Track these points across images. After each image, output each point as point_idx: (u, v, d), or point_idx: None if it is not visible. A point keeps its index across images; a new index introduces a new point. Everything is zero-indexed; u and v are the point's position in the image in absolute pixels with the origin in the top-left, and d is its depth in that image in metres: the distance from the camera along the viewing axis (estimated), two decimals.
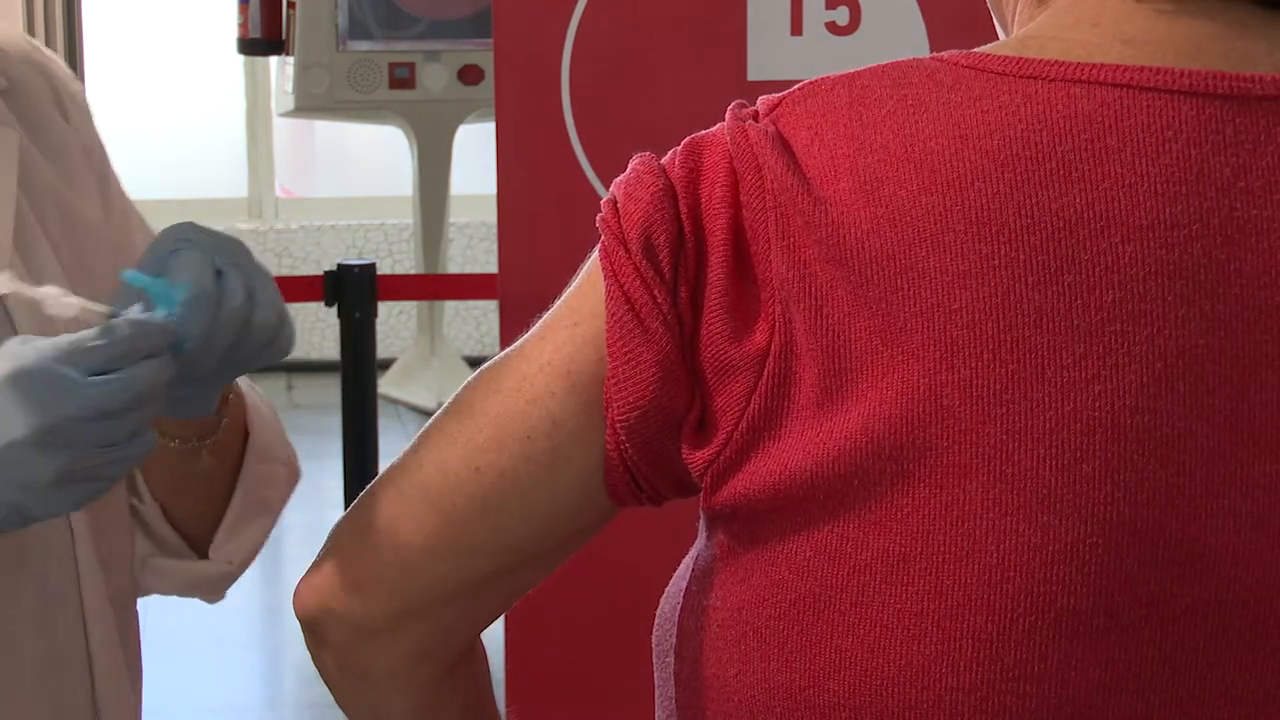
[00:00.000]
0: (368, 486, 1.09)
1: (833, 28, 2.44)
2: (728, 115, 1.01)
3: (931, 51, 2.44)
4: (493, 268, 2.66)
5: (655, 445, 1.01)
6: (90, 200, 1.37)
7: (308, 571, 1.09)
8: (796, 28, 2.44)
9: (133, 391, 1.06)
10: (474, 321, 7.06)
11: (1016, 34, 1.01)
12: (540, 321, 1.06)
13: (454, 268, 6.78)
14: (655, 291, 0.98)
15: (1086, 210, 0.92)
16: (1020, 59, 0.96)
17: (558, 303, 1.06)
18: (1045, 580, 0.92)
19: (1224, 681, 0.94)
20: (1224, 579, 0.92)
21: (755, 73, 2.44)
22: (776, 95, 1.01)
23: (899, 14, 2.43)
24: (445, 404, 1.08)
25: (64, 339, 1.07)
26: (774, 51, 2.43)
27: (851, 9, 2.44)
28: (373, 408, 3.47)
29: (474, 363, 6.79)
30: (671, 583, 1.09)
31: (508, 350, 1.07)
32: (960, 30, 2.39)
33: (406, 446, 1.08)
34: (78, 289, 1.20)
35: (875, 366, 0.93)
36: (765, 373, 0.96)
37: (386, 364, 6.51)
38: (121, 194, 1.41)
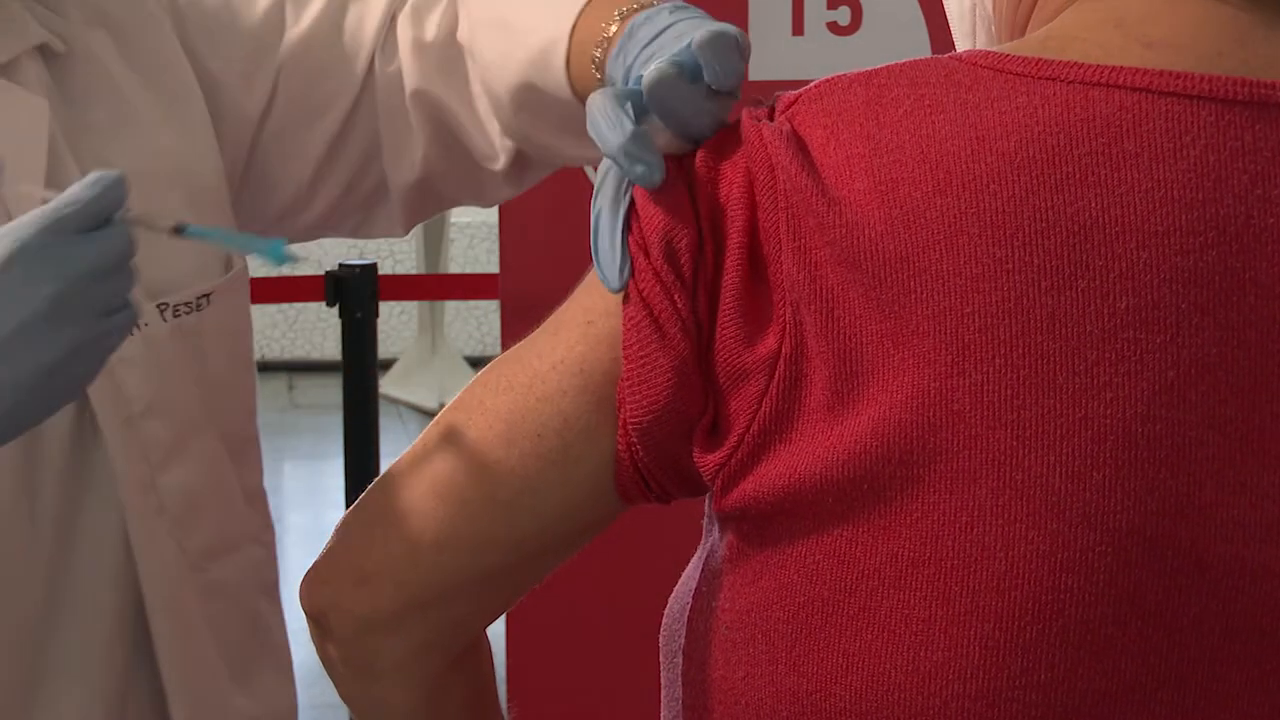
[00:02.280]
0: (375, 480, 1.08)
1: (834, 28, 2.44)
2: (743, 114, 1.00)
3: (933, 51, 2.43)
4: (494, 267, 2.67)
5: (666, 448, 1.00)
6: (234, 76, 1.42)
7: (314, 564, 1.09)
8: (798, 28, 2.44)
9: (125, 241, 1.06)
10: (475, 321, 7.06)
11: (1038, 32, 1.00)
12: (552, 318, 1.06)
13: (455, 267, 6.78)
14: (675, 296, 0.98)
15: (1102, 215, 0.91)
16: (1039, 60, 0.95)
17: (570, 299, 1.06)
18: (1053, 588, 0.91)
19: (1228, 694, 0.93)
20: (1231, 590, 0.92)
21: (756, 73, 2.44)
22: (793, 93, 1.00)
23: (900, 14, 2.43)
24: (455, 399, 1.08)
25: (43, 208, 1.06)
26: (775, 51, 2.43)
27: (853, 9, 2.44)
28: (374, 408, 3.47)
29: (475, 362, 6.79)
30: (680, 582, 1.09)
31: (518, 346, 1.07)
32: None
33: (409, 444, 1.08)
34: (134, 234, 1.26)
35: (886, 370, 0.93)
36: (776, 376, 0.96)
37: (388, 364, 6.51)
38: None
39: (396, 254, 7.05)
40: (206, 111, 1.42)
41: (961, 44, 1.11)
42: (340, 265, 3.38)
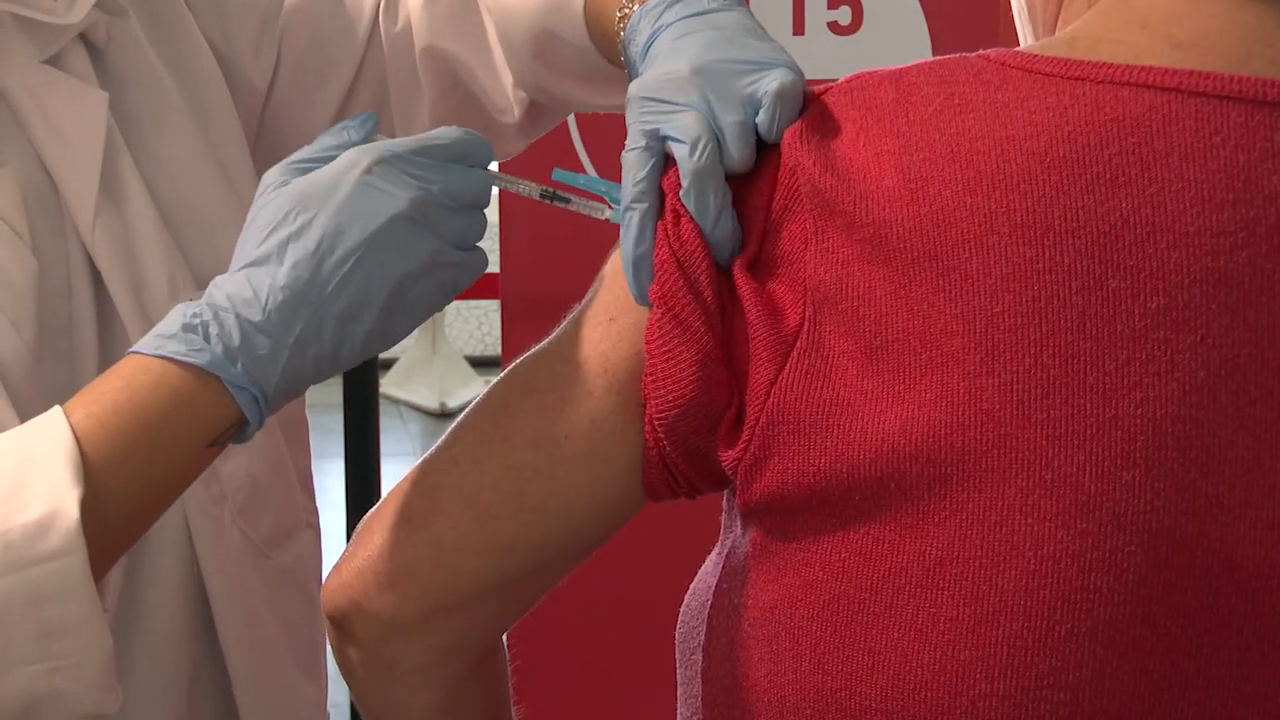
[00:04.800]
0: (400, 481, 1.08)
1: (835, 27, 2.44)
2: None
3: (934, 51, 2.43)
4: (495, 267, 2.66)
5: (693, 443, 1.00)
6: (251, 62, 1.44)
7: (335, 567, 1.08)
8: (799, 27, 2.44)
9: (482, 184, 1.09)
10: (475, 321, 7.06)
11: (1064, 33, 1.00)
12: (573, 316, 1.06)
13: None
14: (698, 289, 0.98)
15: (1132, 215, 0.91)
16: (1068, 60, 0.95)
17: (590, 296, 1.05)
18: (1082, 588, 0.91)
19: (1257, 694, 0.93)
20: (1259, 591, 0.91)
21: None
22: (820, 87, 1.00)
23: (901, 14, 2.43)
24: (478, 401, 1.07)
25: (413, 137, 1.10)
26: None
27: (853, 9, 2.43)
28: (374, 407, 3.47)
29: (476, 362, 6.79)
30: (698, 579, 1.08)
31: (540, 347, 1.06)
32: (962, 30, 2.39)
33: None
34: (176, 226, 1.29)
35: (914, 369, 0.92)
36: (787, 367, 0.96)
37: (388, 364, 6.51)
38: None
39: None
40: (229, 95, 1.43)
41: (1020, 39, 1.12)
42: None
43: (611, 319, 1.03)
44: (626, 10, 1.19)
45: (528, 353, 1.07)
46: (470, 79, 1.43)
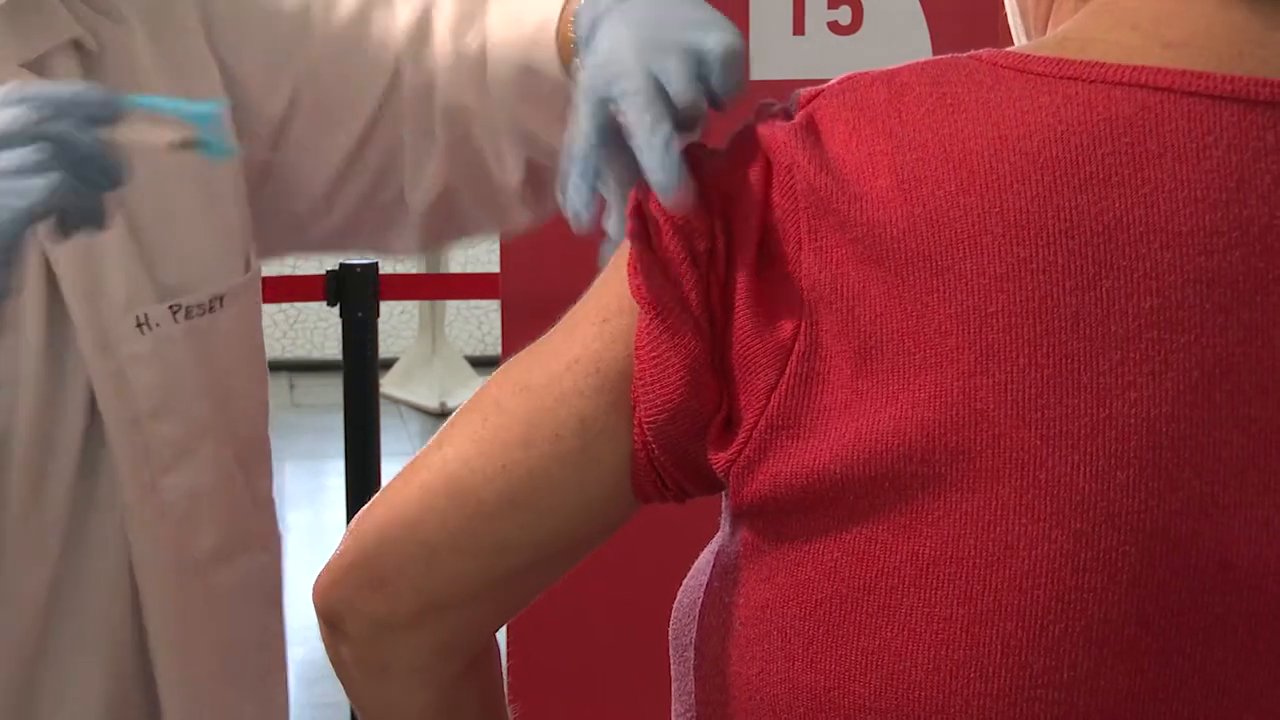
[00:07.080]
0: (390, 480, 1.07)
1: (835, 27, 2.44)
2: (756, 113, 1.00)
3: (934, 51, 2.43)
4: (494, 267, 2.66)
5: (682, 446, 1.00)
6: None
7: (327, 564, 1.08)
8: (799, 27, 2.43)
9: (27, 116, 1.08)
10: (476, 321, 7.05)
11: (1055, 34, 1.00)
12: (567, 316, 1.05)
13: (456, 267, 6.77)
14: (686, 295, 0.98)
15: (1126, 215, 0.91)
16: (1060, 60, 0.95)
17: (585, 297, 1.05)
18: (1077, 587, 0.91)
19: (1253, 693, 0.93)
20: (1254, 590, 0.92)
21: (757, 72, 2.44)
22: (813, 88, 1.00)
23: (901, 14, 2.43)
24: (470, 399, 1.07)
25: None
26: (776, 51, 2.42)
27: (854, 9, 2.43)
28: (375, 407, 3.47)
29: (476, 362, 6.78)
30: (690, 575, 1.08)
31: (533, 346, 1.06)
32: (962, 30, 2.39)
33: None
34: (144, 235, 1.31)
35: (908, 369, 0.92)
36: (787, 371, 0.96)
37: (388, 363, 6.50)
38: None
39: None
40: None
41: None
42: (341, 265, 3.37)
43: (604, 320, 1.03)
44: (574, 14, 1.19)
45: (521, 351, 1.07)
46: (482, 135, 1.42)
